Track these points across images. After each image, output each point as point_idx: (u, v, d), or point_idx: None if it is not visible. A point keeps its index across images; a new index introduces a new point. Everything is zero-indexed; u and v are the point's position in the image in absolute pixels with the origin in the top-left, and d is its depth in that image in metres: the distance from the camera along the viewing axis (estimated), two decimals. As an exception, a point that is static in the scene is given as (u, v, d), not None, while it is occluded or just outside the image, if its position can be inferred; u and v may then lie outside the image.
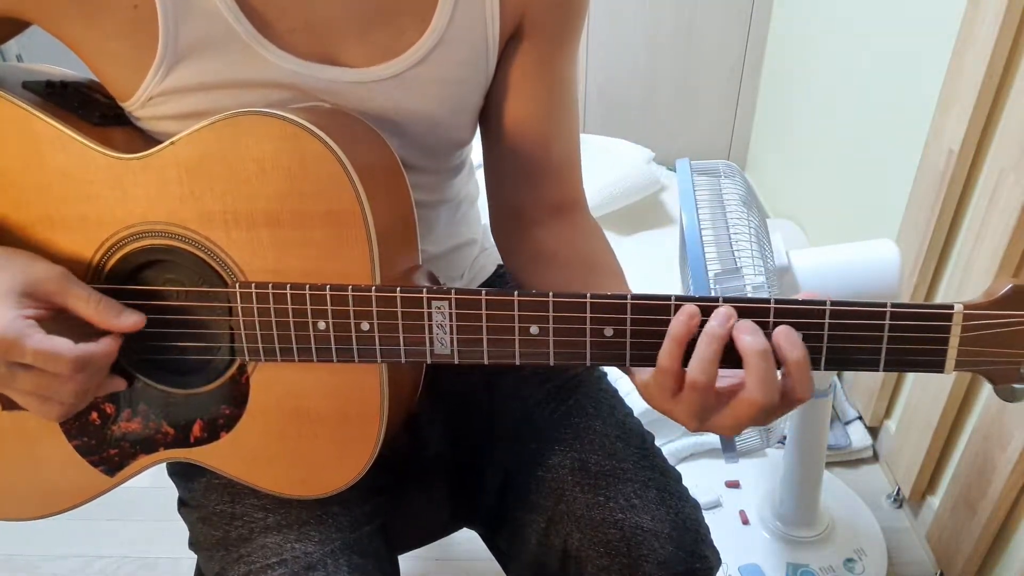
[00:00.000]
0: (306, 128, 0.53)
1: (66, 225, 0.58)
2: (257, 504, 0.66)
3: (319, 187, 0.54)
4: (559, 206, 0.73)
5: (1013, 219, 1.04)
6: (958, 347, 0.49)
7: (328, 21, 0.60)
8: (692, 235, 0.85)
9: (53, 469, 0.63)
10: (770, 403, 0.49)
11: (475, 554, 1.31)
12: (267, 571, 0.62)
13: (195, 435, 0.61)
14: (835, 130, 1.80)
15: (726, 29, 2.30)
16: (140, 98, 0.59)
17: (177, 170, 0.55)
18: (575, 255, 0.70)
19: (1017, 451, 1.05)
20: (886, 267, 0.97)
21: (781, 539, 1.28)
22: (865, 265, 0.99)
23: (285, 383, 0.59)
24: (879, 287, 0.97)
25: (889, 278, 0.98)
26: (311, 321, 0.55)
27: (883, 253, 0.98)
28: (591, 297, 0.51)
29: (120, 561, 1.34)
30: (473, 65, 0.65)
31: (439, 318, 0.53)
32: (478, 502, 0.76)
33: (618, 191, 2.01)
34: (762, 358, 0.49)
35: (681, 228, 0.88)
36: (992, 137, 1.14)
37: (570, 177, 0.74)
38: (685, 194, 0.88)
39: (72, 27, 0.57)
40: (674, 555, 0.65)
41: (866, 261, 0.99)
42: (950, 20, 1.20)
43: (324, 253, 0.55)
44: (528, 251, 0.73)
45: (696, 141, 2.50)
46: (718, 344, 0.49)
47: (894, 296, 0.99)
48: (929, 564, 1.30)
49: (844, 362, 0.50)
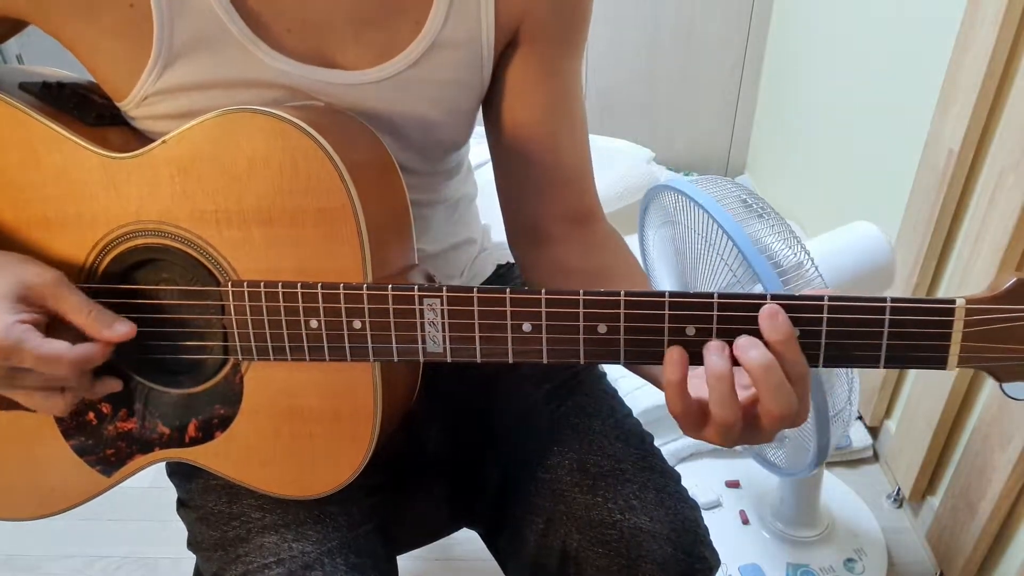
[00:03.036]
0: (297, 126, 0.53)
1: (61, 225, 0.58)
2: (255, 504, 0.66)
3: (310, 185, 0.53)
4: (574, 217, 0.72)
5: (1013, 219, 1.04)
6: (961, 343, 0.47)
7: (323, 22, 0.60)
8: (743, 240, 0.84)
9: (51, 469, 0.64)
10: (788, 411, 0.48)
11: (475, 554, 1.31)
12: (265, 571, 0.62)
13: (190, 435, 0.61)
14: (835, 130, 1.80)
15: (726, 29, 2.30)
16: (135, 97, 0.59)
17: (169, 169, 0.55)
18: (594, 268, 0.69)
19: (1017, 451, 1.05)
20: (875, 245, 0.97)
21: (781, 539, 1.28)
22: (858, 246, 0.99)
23: (279, 382, 0.59)
24: (876, 263, 0.97)
25: (882, 254, 0.98)
26: (303, 320, 0.55)
27: (865, 232, 0.98)
28: (584, 294, 0.50)
29: (120, 561, 1.34)
30: (467, 68, 0.65)
31: (431, 316, 0.53)
32: (477, 502, 0.76)
33: (618, 191, 2.01)
34: (768, 371, 0.47)
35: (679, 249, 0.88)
36: (992, 137, 1.14)
37: (583, 186, 0.72)
38: (710, 206, 0.87)
39: (69, 26, 0.57)
40: (673, 556, 0.65)
41: (853, 243, 0.99)
42: (950, 20, 1.20)
43: (316, 251, 0.55)
44: (547, 268, 0.72)
45: (696, 141, 2.50)
46: (727, 383, 0.48)
47: (893, 271, 0.99)
48: (929, 564, 1.30)
49: (843, 359, 0.49)
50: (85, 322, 0.55)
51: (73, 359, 0.53)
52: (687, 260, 1.00)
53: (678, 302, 0.49)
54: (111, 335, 0.55)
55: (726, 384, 0.48)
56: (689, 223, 0.96)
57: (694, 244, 0.96)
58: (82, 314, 0.55)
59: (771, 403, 0.48)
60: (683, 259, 1.01)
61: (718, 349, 0.48)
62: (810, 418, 0.89)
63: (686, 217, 0.96)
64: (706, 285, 0.98)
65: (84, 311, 0.55)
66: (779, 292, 0.49)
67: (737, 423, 0.49)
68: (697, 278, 0.99)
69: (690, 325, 0.50)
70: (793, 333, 0.48)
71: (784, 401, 0.48)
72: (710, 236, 0.92)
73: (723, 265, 0.92)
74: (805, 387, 0.49)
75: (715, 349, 0.48)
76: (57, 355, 0.52)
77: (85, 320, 0.55)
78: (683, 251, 1.00)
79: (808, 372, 0.49)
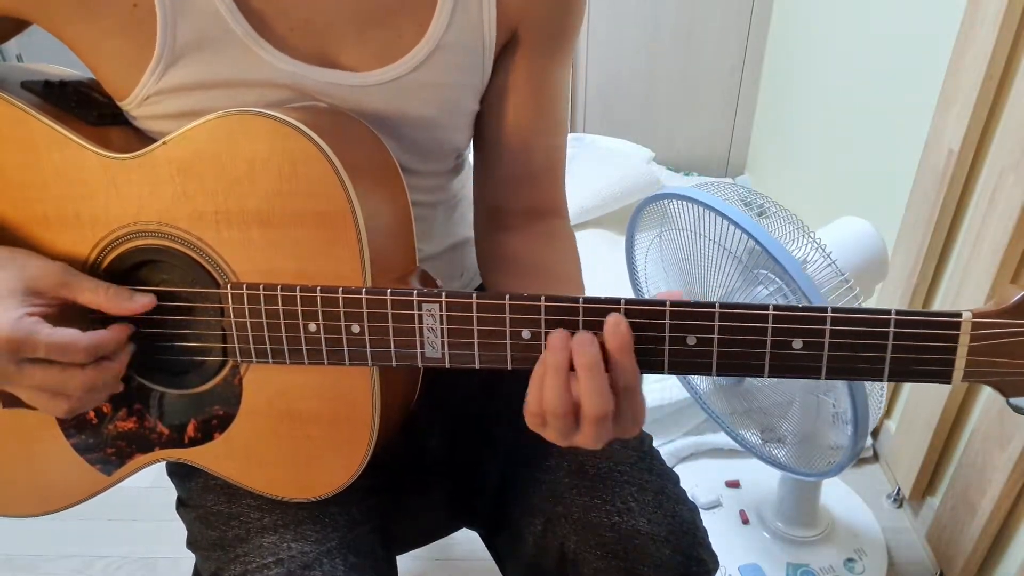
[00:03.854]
0: (297, 128, 0.53)
1: (62, 224, 0.58)
2: (254, 504, 0.66)
3: (310, 187, 0.53)
4: (534, 212, 0.74)
5: (1013, 219, 1.04)
6: (967, 357, 0.46)
7: (326, 23, 0.60)
8: (774, 245, 0.84)
9: (51, 467, 0.64)
10: (603, 412, 0.49)
11: (475, 554, 1.31)
12: (264, 571, 0.62)
13: (189, 435, 0.62)
14: (835, 130, 1.80)
15: (726, 29, 2.30)
16: (137, 97, 0.59)
17: (169, 170, 0.55)
18: (533, 262, 0.71)
19: (1017, 451, 1.05)
20: (866, 238, 0.98)
21: (781, 539, 1.28)
22: (851, 242, 0.99)
23: (278, 384, 0.59)
24: (871, 255, 0.97)
25: (875, 245, 0.98)
26: (302, 323, 0.55)
27: (854, 227, 0.98)
28: (583, 301, 0.50)
29: (121, 561, 1.34)
30: (469, 70, 0.66)
31: (430, 321, 0.52)
32: (476, 503, 0.76)
33: (618, 191, 2.02)
34: (592, 371, 0.49)
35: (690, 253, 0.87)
36: (992, 137, 1.14)
37: (549, 185, 0.75)
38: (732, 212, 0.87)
39: (71, 25, 0.57)
40: (671, 558, 0.65)
41: (846, 238, 1.00)
42: (950, 20, 1.20)
43: (315, 254, 0.55)
44: (491, 252, 0.74)
45: (696, 141, 2.50)
46: (558, 375, 0.49)
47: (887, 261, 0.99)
48: (929, 564, 1.30)
49: (846, 371, 0.49)
50: (103, 300, 0.56)
51: (87, 344, 0.53)
52: (693, 265, 1.01)
53: (679, 311, 0.49)
54: (132, 307, 0.56)
55: (599, 374, 0.49)
56: (698, 230, 0.96)
57: (701, 248, 0.97)
58: (99, 294, 0.56)
59: (587, 402, 0.49)
60: (689, 264, 1.02)
61: (582, 342, 0.49)
62: (848, 419, 0.90)
63: (692, 224, 0.97)
64: (716, 288, 0.99)
65: (100, 291, 0.56)
66: (781, 304, 0.48)
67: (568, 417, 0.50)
68: (708, 283, 1.00)
69: (691, 335, 0.49)
70: (631, 344, 0.49)
71: (600, 403, 0.49)
72: (724, 240, 0.92)
73: (734, 264, 0.92)
74: (630, 398, 0.51)
75: (580, 344, 0.50)
76: (70, 341, 0.53)
77: (103, 298, 0.56)
78: (689, 257, 1.01)
79: (636, 385, 0.51)
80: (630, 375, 0.50)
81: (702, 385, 1.19)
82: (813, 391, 0.97)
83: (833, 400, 0.95)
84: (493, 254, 0.74)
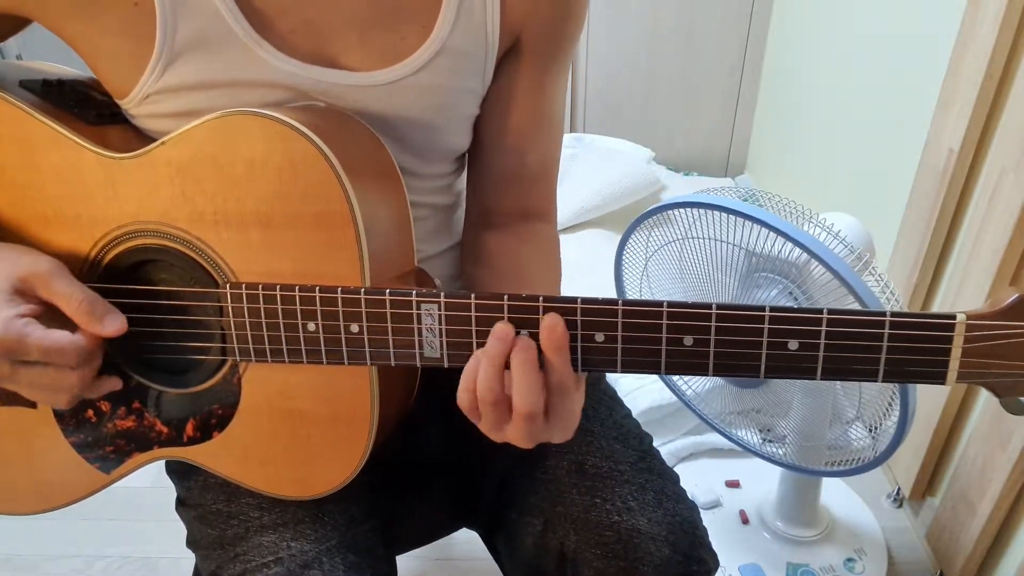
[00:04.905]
0: (296, 129, 0.53)
1: (61, 224, 0.58)
2: (253, 503, 0.66)
3: (309, 188, 0.53)
4: (522, 213, 0.75)
5: (1013, 219, 1.04)
6: (960, 358, 0.47)
7: (328, 23, 0.60)
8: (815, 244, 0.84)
9: (50, 465, 0.64)
10: (533, 410, 0.50)
11: (475, 554, 1.31)
12: (263, 570, 0.62)
13: (188, 434, 0.62)
14: (835, 130, 1.80)
15: (726, 29, 2.30)
16: (137, 96, 0.59)
17: (168, 170, 0.55)
18: (509, 260, 0.72)
19: (1017, 451, 1.05)
20: (852, 231, 0.98)
21: (781, 539, 1.28)
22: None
23: (277, 384, 0.59)
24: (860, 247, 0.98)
25: (863, 240, 0.99)
26: (300, 323, 0.55)
27: (843, 223, 0.99)
28: (582, 302, 0.50)
29: (121, 561, 1.34)
30: (471, 74, 0.66)
31: (429, 322, 0.53)
32: (476, 502, 0.76)
33: (618, 191, 2.02)
34: (524, 367, 0.50)
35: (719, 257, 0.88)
36: (992, 137, 1.14)
37: (540, 189, 0.76)
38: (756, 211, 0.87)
39: (72, 23, 0.57)
40: (671, 558, 0.65)
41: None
42: (950, 20, 1.20)
43: (314, 254, 0.55)
44: (471, 243, 0.75)
45: (696, 141, 2.50)
46: (492, 364, 0.50)
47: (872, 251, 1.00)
48: (929, 564, 1.30)
49: (841, 372, 0.49)
50: (74, 314, 0.55)
51: (77, 349, 0.53)
52: (702, 269, 1.01)
53: (676, 312, 0.49)
54: (99, 330, 0.55)
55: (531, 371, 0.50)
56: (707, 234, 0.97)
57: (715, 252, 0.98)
58: (71, 306, 0.54)
59: (517, 398, 0.50)
60: (697, 268, 1.02)
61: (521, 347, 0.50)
62: (894, 418, 0.91)
63: (699, 229, 0.97)
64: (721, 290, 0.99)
65: (73, 303, 0.54)
66: (777, 305, 0.49)
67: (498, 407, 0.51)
68: (716, 286, 1.00)
69: (688, 336, 0.50)
70: (565, 345, 0.50)
71: (529, 399, 0.50)
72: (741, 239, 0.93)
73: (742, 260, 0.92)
74: (563, 399, 0.51)
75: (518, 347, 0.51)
76: (61, 345, 0.52)
77: (75, 312, 0.54)
78: (697, 261, 1.01)
79: (570, 386, 0.51)
80: (564, 376, 0.51)
81: (692, 388, 1.19)
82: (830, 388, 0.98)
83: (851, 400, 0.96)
84: (473, 246, 0.75)
